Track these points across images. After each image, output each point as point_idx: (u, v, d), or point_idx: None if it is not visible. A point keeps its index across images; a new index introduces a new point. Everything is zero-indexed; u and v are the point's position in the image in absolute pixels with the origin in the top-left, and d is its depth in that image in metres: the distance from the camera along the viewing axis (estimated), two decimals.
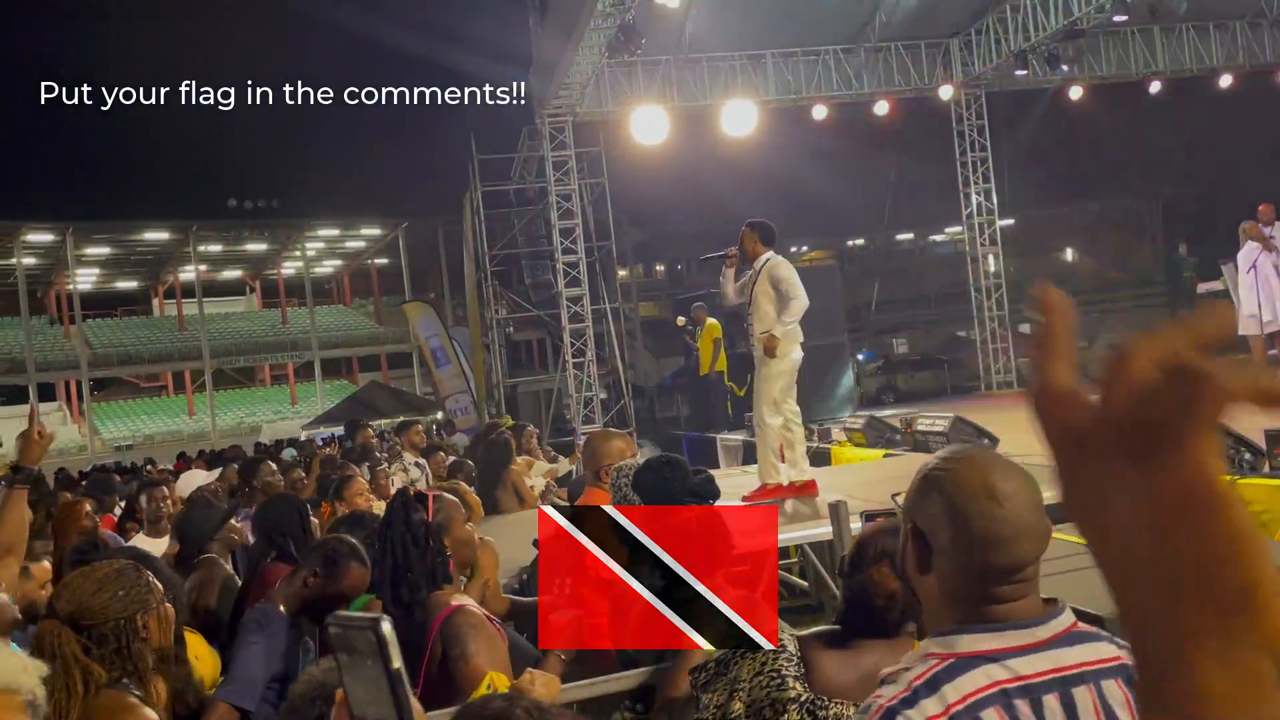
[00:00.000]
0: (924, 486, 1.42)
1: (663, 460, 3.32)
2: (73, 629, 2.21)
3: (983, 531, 1.33)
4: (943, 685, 1.29)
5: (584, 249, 17.28)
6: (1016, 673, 1.30)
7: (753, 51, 17.05)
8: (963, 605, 1.36)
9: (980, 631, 1.33)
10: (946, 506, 1.36)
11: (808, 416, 11.92)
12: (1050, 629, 1.34)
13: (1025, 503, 1.36)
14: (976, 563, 1.34)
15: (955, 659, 1.32)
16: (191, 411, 41.64)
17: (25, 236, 37.01)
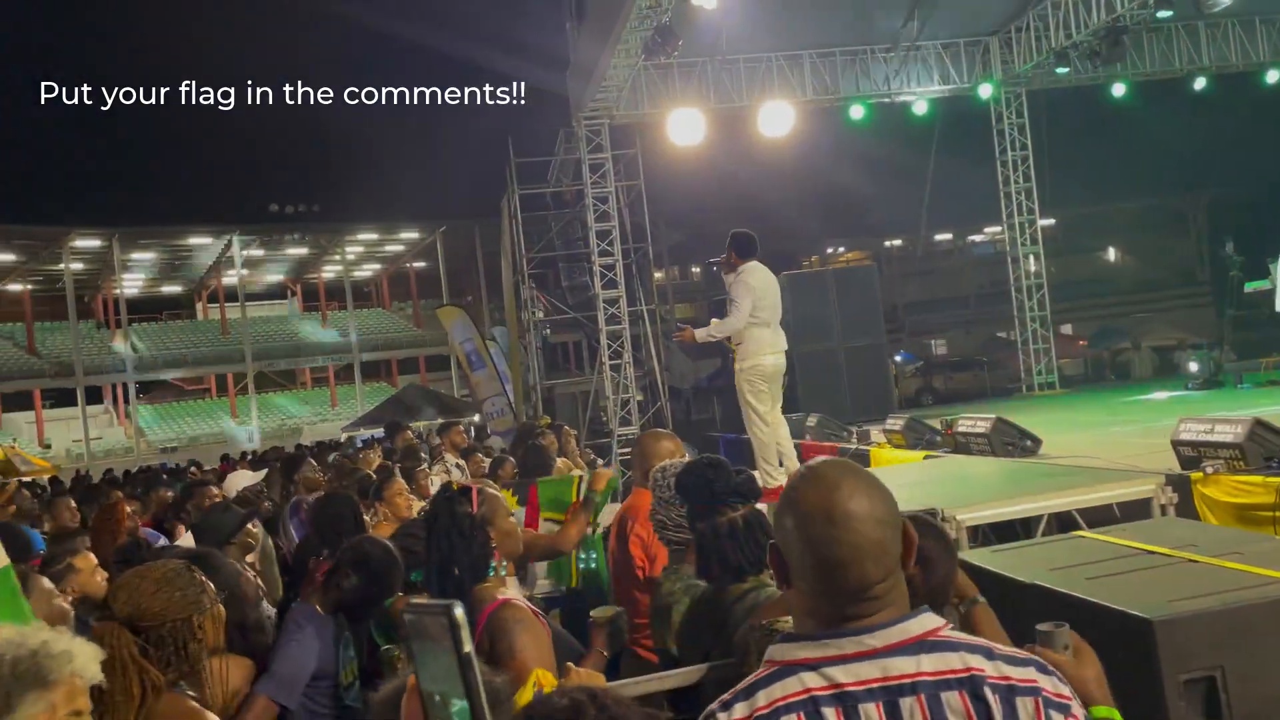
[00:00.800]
0: (780, 506, 1.46)
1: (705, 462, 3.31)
2: (130, 630, 2.23)
3: (822, 555, 1.36)
4: (758, 690, 1.35)
5: (620, 251, 17.32)
6: (833, 680, 1.33)
7: (790, 52, 16.99)
8: (819, 620, 1.38)
9: (809, 640, 1.37)
10: (794, 527, 1.39)
11: (845, 417, 11.90)
12: (885, 637, 1.35)
13: (868, 524, 1.37)
14: (821, 583, 1.37)
15: (780, 666, 1.37)
16: (234, 413, 42.24)
17: (73, 242, 37.75)
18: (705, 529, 2.85)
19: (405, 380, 42.34)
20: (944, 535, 2.34)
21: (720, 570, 2.76)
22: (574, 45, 17.23)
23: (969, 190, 27.47)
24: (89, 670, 1.74)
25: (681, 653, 2.83)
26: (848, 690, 1.32)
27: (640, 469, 4.04)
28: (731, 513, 2.85)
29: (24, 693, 1.64)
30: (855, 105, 17.72)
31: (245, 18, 46.50)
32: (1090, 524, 4.77)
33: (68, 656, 1.70)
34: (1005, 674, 1.33)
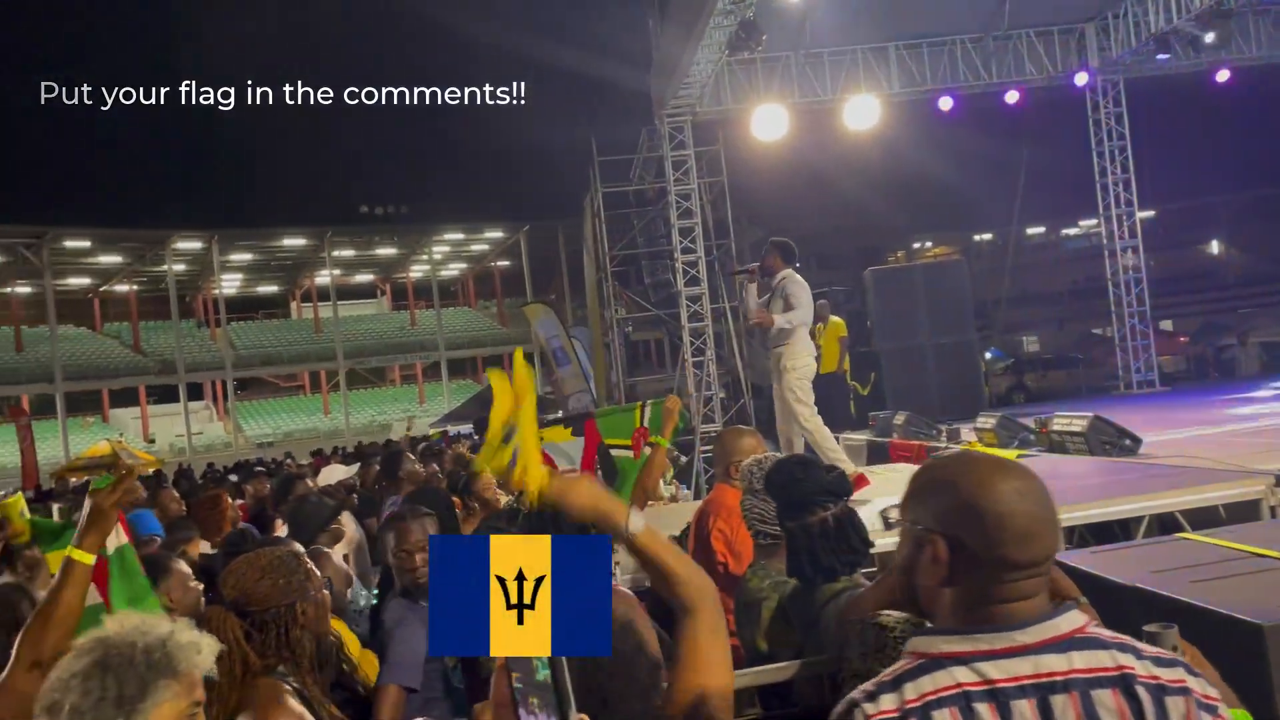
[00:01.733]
0: (927, 487, 1.44)
1: (794, 460, 3.29)
2: (237, 614, 2.32)
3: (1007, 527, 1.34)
4: (905, 683, 1.33)
5: (703, 248, 17.27)
6: (985, 676, 1.31)
7: (876, 44, 16.71)
8: (966, 606, 1.37)
9: (957, 634, 1.35)
10: (950, 505, 1.38)
11: (933, 416, 11.68)
12: (1037, 634, 1.33)
13: (1040, 498, 1.37)
14: (996, 559, 1.35)
15: (926, 659, 1.35)
16: (326, 410, 43.46)
17: (175, 244, 39.29)
18: (795, 528, 2.83)
19: None
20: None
21: (812, 570, 2.74)
22: (657, 42, 17.25)
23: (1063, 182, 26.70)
24: (208, 663, 1.77)
25: (771, 649, 2.82)
26: (1000, 686, 1.30)
27: (722, 465, 4.04)
28: (822, 511, 2.82)
29: (156, 679, 1.65)
30: (944, 97, 17.34)
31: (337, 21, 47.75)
32: (1194, 526, 4.61)
33: (195, 647, 1.73)
34: (1154, 673, 1.32)
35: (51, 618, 2.17)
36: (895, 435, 10.90)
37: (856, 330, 14.53)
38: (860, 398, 14.17)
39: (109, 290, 43.32)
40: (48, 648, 2.11)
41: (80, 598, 2.25)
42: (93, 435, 35.84)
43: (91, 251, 39.45)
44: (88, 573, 2.27)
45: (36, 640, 2.13)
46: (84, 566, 2.25)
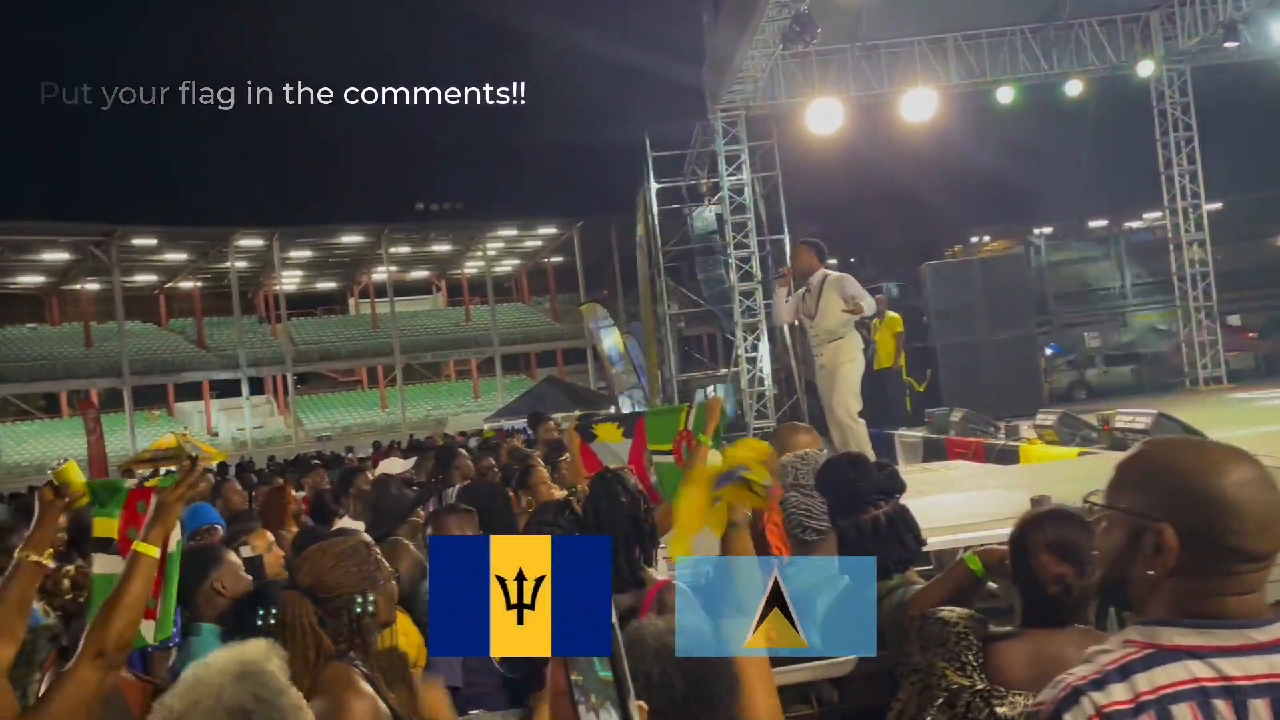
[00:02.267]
0: (1150, 469, 1.37)
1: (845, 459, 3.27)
2: (310, 599, 2.39)
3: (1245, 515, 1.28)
4: (1135, 674, 1.27)
5: (756, 243, 17.20)
6: (1222, 672, 1.25)
7: (934, 35, 16.49)
8: (1186, 595, 1.31)
9: (1187, 626, 1.29)
10: (1177, 489, 1.32)
11: (991, 413, 11.51)
12: (1270, 633, 1.28)
13: (1273, 486, 1.31)
14: (1229, 549, 1.29)
15: (1155, 649, 1.29)
16: (384, 404, 44.11)
17: (238, 241, 40.12)
18: (847, 526, 2.82)
19: (543, 373, 43.31)
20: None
21: None
22: (710, 37, 17.20)
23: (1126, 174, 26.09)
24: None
25: (826, 645, 2.81)
26: (1237, 684, 1.25)
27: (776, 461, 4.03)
28: (874, 509, 2.81)
29: None
30: (1004, 88, 17.06)
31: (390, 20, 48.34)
32: None
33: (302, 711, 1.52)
34: None
35: (117, 608, 2.22)
36: (952, 432, 10.76)
37: (912, 326, 14.35)
38: (916, 394, 14.01)
39: (174, 287, 44.38)
40: (112, 638, 2.18)
41: (145, 589, 2.31)
42: (158, 428, 36.79)
43: (158, 249, 40.46)
44: (153, 565, 2.34)
45: (102, 630, 2.19)
46: (149, 559, 2.32)
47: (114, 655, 2.20)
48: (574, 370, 44.01)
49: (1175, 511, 1.31)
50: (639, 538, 2.74)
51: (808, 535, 3.14)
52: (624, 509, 2.77)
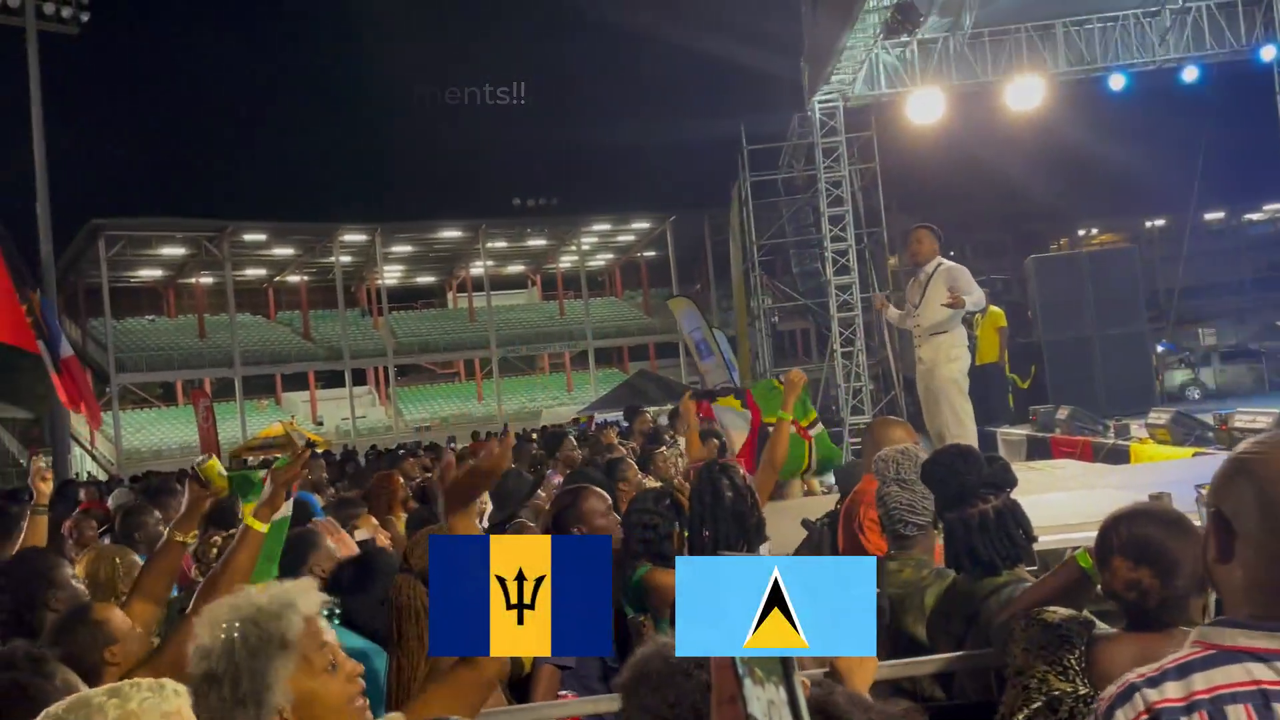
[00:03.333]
0: (1233, 470, 1.35)
1: (953, 451, 3.21)
2: (424, 583, 2.49)
3: None
4: (1194, 673, 1.27)
5: (853, 236, 16.96)
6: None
7: (1041, 22, 15.96)
8: (1263, 597, 1.28)
9: (1255, 629, 1.27)
10: (1257, 491, 1.30)
11: (1099, 411, 11.13)
12: None
13: None
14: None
15: (1217, 650, 1.28)
16: (480, 396, 44.96)
17: (342, 237, 41.38)
18: (955, 520, 2.78)
19: (636, 366, 43.54)
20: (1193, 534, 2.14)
21: (971, 563, 2.69)
22: (809, 28, 17.00)
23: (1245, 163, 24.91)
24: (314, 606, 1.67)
25: (930, 640, 2.78)
26: None
27: (871, 456, 3.98)
28: (983, 504, 2.76)
29: (269, 661, 1.58)
30: (1115, 75, 16.41)
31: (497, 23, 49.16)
32: None
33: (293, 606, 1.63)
34: None
35: (223, 576, 2.47)
36: (1058, 430, 10.46)
37: (1016, 321, 13.97)
38: (1019, 391, 13.64)
39: (282, 281, 46.00)
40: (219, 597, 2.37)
41: (251, 561, 2.57)
42: (267, 417, 38.23)
43: (267, 244, 42.01)
44: (260, 539, 2.59)
45: (211, 590, 2.41)
46: (257, 533, 2.57)
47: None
48: (666, 364, 44.12)
49: (1246, 515, 1.30)
50: (743, 532, 2.74)
51: (908, 530, 3.09)
52: (728, 504, 2.77)
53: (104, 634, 2.42)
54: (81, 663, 2.25)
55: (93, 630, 2.43)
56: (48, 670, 1.84)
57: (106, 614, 2.50)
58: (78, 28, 30.90)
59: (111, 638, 2.43)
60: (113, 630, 2.45)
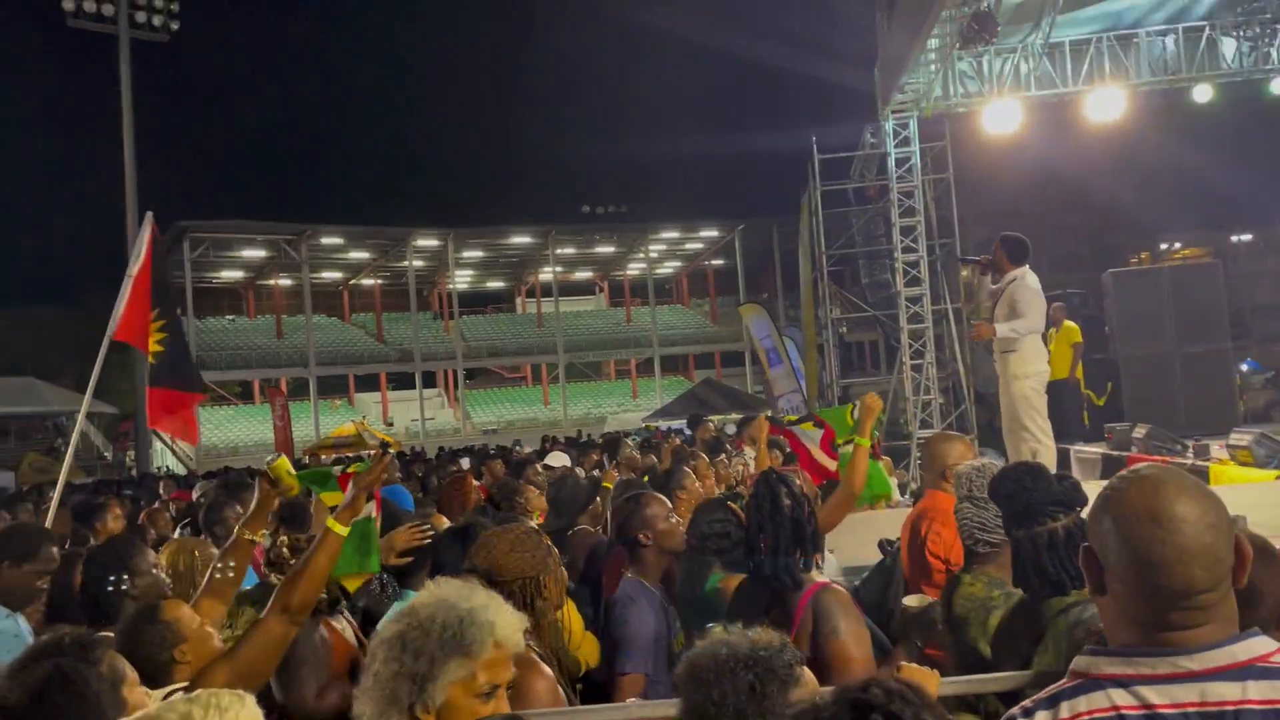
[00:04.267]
0: (1097, 506, 1.42)
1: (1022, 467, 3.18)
2: (488, 582, 2.54)
3: (1143, 555, 1.31)
4: (1062, 701, 1.34)
5: (925, 247, 16.74)
6: (1144, 701, 1.28)
7: (1123, 31, 15.61)
8: (1134, 628, 1.34)
9: (1118, 655, 1.33)
10: (1113, 527, 1.36)
11: (1178, 430, 10.83)
12: (1205, 660, 1.28)
13: (1197, 527, 1.31)
14: (1141, 585, 1.32)
15: (1085, 679, 1.34)
16: (546, 400, 45.34)
17: (416, 242, 42.11)
18: (1023, 538, 2.76)
19: (701, 375, 43.50)
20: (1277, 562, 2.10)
21: (1039, 582, 2.67)
22: (883, 37, 16.86)
23: None
24: (512, 640, 1.78)
25: (996, 658, 2.77)
26: (1160, 713, 1.28)
27: (933, 471, 3.96)
28: (1052, 522, 2.74)
29: (447, 659, 1.69)
30: (1200, 86, 15.97)
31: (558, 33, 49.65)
32: None
33: (491, 627, 1.74)
34: None
35: (303, 574, 2.52)
36: (1134, 449, 10.20)
37: (1092, 336, 13.64)
38: (1094, 408, 13.32)
39: (357, 283, 46.96)
40: (296, 599, 2.49)
41: (330, 561, 2.61)
42: (340, 417, 39.04)
43: (343, 248, 42.95)
44: (339, 541, 2.62)
45: (289, 591, 2.50)
46: (336, 536, 2.61)
47: (296, 613, 2.49)
48: (731, 373, 44.00)
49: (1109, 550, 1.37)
50: (800, 541, 2.76)
51: (979, 547, 3.08)
52: (786, 511, 2.80)
53: (173, 633, 2.44)
54: (150, 662, 2.27)
55: (161, 629, 2.43)
56: (94, 656, 1.83)
57: (176, 613, 2.51)
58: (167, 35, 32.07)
59: (181, 636, 2.44)
60: (182, 629, 2.46)
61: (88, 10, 30.38)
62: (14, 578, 3.29)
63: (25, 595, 3.31)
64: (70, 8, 30.10)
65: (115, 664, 1.86)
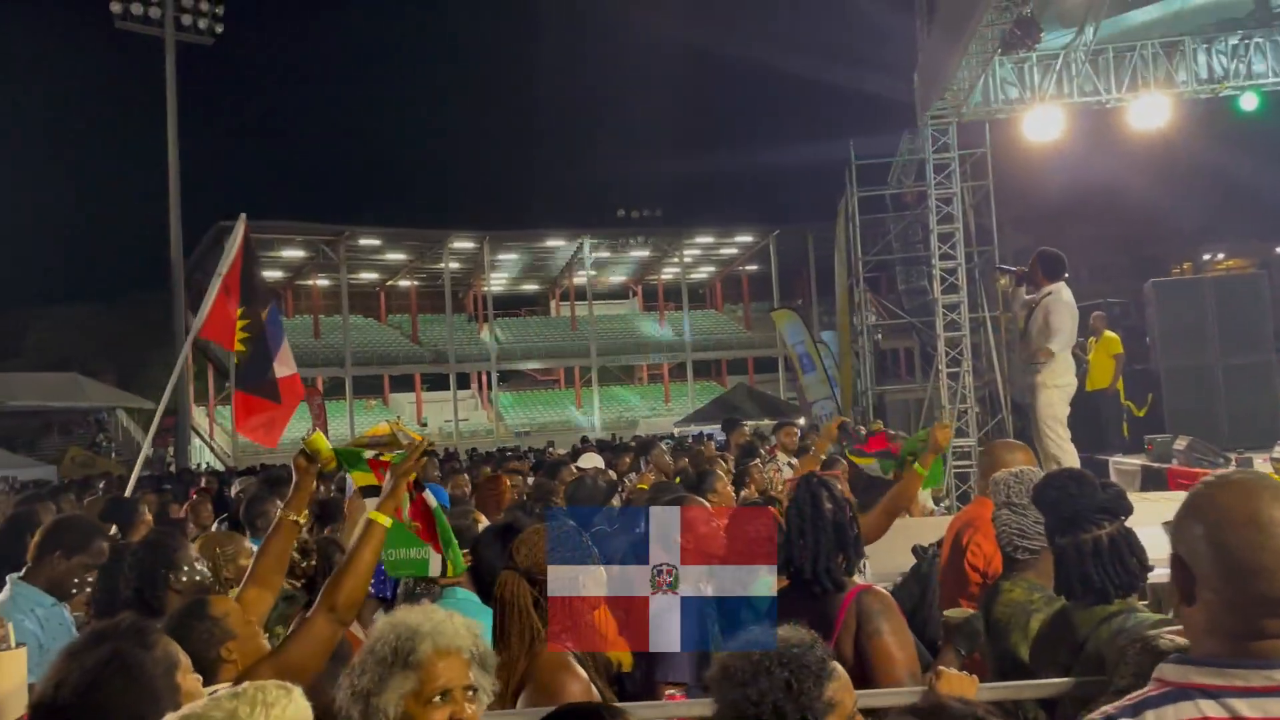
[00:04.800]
0: (1186, 513, 1.37)
1: (1067, 474, 3.16)
2: (528, 581, 2.55)
3: (1242, 560, 1.27)
4: (1147, 710, 1.31)
5: (963, 254, 16.60)
6: (1235, 713, 1.25)
7: (1169, 38, 15.41)
8: (1224, 638, 1.30)
9: (1209, 665, 1.30)
10: (1207, 533, 1.32)
11: (1220, 443, 10.66)
12: None
13: None
14: (1236, 593, 1.28)
15: (1173, 688, 1.31)
16: (579, 404, 45.44)
17: (452, 244, 42.40)
18: (1067, 545, 2.74)
19: (734, 380, 43.39)
20: None
21: (1082, 590, 2.65)
22: (923, 43, 16.76)
23: None
24: (456, 644, 1.84)
25: (1035, 664, 2.75)
26: None
27: (987, 477, 3.93)
28: (1097, 530, 2.72)
29: (390, 673, 1.77)
30: (1248, 94, 15.71)
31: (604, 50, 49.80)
32: None
33: (432, 636, 1.81)
34: None
35: (348, 570, 2.48)
36: (1175, 461, 10.06)
37: (1133, 347, 13.47)
38: (1134, 420, 13.14)
39: (393, 285, 47.34)
40: (342, 596, 2.44)
41: (375, 555, 2.56)
42: (374, 416, 39.36)
43: (380, 249, 43.33)
44: (383, 532, 2.57)
45: (335, 588, 2.45)
46: (381, 528, 2.55)
47: (344, 611, 2.45)
48: (764, 379, 43.86)
49: (1200, 558, 1.32)
50: (842, 545, 2.76)
51: (1019, 554, 3.07)
52: (828, 515, 2.80)
53: (221, 630, 2.41)
54: (198, 659, 2.24)
55: (210, 625, 2.41)
56: (149, 641, 1.85)
57: (225, 608, 2.49)
58: (212, 38, 32.60)
59: (229, 633, 2.42)
60: (230, 625, 2.44)
61: (135, 13, 30.95)
62: (64, 569, 3.35)
63: (72, 586, 3.37)
64: (118, 10, 30.69)
65: (169, 649, 1.88)
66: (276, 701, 1.48)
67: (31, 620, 3.15)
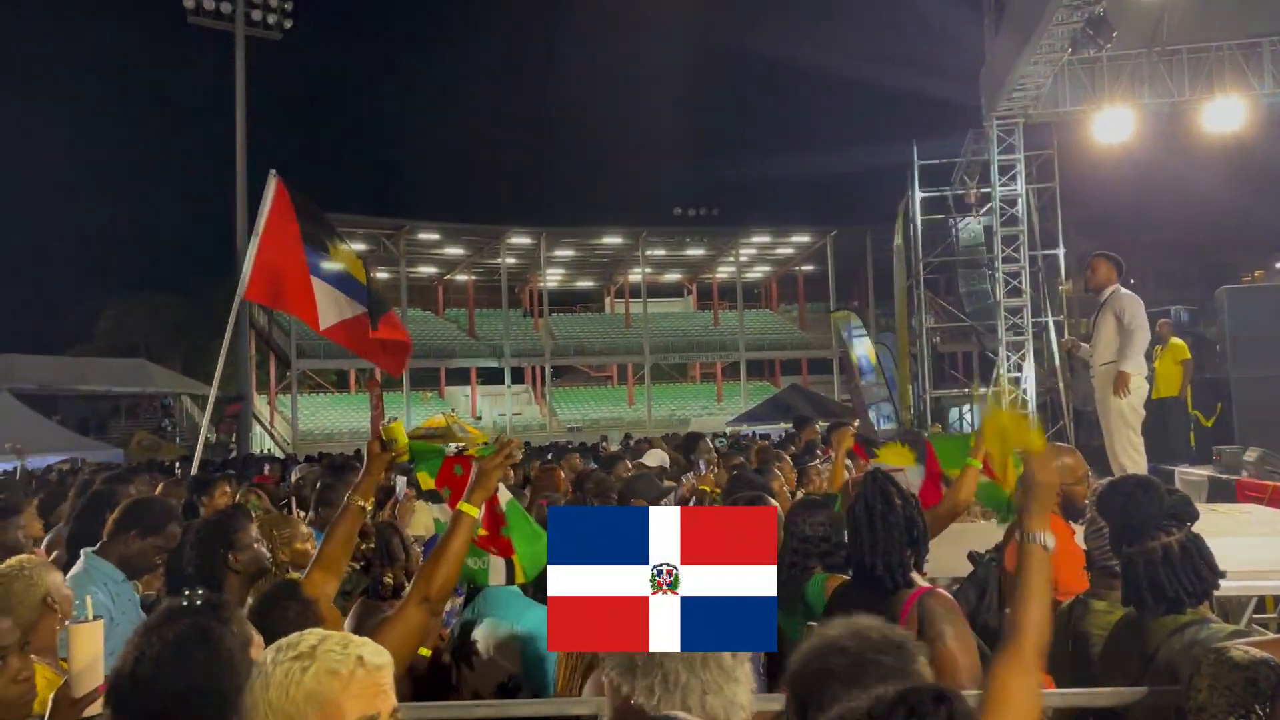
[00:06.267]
0: None
1: (1133, 481, 3.08)
2: None
3: None
4: None
5: (1027, 258, 16.32)
6: None
7: (1246, 40, 14.98)
8: None
9: None
10: None
11: None
12: None
13: None
14: None
15: None
16: (631, 401, 45.53)
17: (509, 239, 42.74)
18: (1134, 554, 2.68)
19: (787, 381, 43.13)
20: None
21: (1154, 599, 2.58)
22: (990, 42, 16.50)
23: None
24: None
25: (1102, 675, 2.69)
26: None
27: None
28: (1165, 537, 2.65)
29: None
30: None
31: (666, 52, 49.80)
32: None
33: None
34: None
35: (440, 560, 2.48)
36: (1245, 473, 9.76)
37: (1202, 355, 13.11)
38: (1202, 429, 12.79)
39: (451, 279, 47.85)
40: (435, 586, 2.46)
41: (465, 545, 2.57)
42: (430, 409, 39.78)
43: (439, 244, 43.82)
44: (474, 524, 2.58)
45: (428, 579, 2.46)
46: (471, 519, 2.56)
47: (436, 601, 2.48)
48: (817, 380, 43.53)
49: None
50: (911, 541, 2.73)
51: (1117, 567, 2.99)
52: (899, 510, 2.76)
53: (313, 613, 2.41)
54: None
55: (301, 608, 2.42)
56: (225, 616, 1.87)
57: (316, 592, 2.50)
58: (280, 34, 33.24)
59: (319, 618, 2.39)
60: (320, 610, 2.45)
61: (207, 8, 31.67)
62: (138, 548, 3.45)
63: (143, 566, 3.47)
64: (190, 5, 31.42)
65: (244, 625, 1.91)
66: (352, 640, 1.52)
67: (104, 593, 3.25)
